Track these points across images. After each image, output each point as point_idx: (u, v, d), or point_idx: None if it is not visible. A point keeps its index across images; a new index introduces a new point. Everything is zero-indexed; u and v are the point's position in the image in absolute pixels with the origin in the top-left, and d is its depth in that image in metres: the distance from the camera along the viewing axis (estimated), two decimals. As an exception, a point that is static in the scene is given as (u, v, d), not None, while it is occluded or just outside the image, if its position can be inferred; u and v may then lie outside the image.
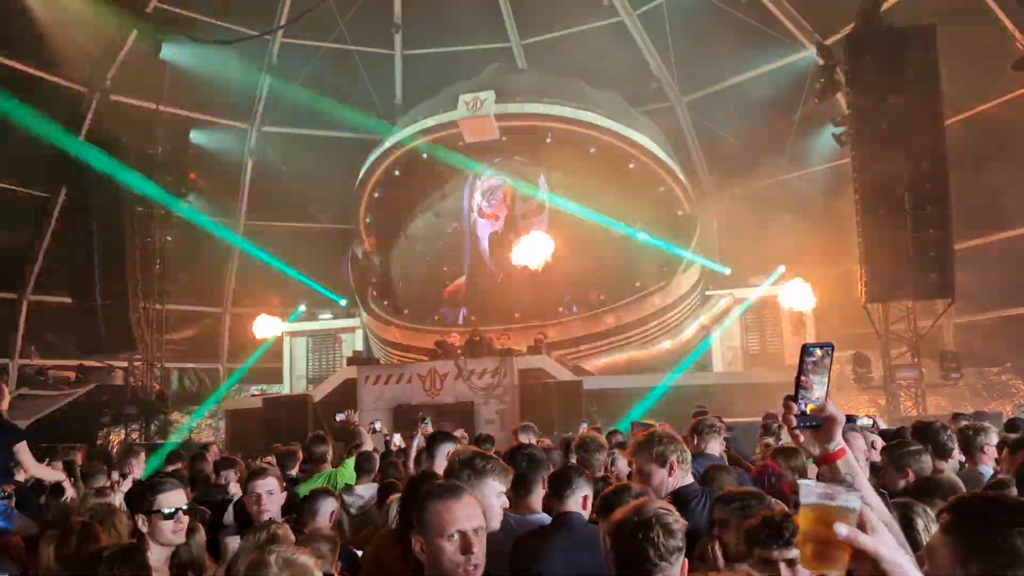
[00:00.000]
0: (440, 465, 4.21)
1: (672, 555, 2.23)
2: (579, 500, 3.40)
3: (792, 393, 1.77)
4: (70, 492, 5.91)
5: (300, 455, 7.03)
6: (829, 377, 1.75)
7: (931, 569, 1.51)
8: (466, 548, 1.99)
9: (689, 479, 3.65)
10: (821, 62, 15.34)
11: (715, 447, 5.21)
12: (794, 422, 1.77)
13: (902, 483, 4.01)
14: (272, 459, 7.21)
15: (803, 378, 1.76)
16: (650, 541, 2.22)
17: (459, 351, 15.91)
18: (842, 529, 1.35)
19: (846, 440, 1.85)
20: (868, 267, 13.99)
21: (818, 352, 1.75)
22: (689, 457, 3.66)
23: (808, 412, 1.77)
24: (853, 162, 14.34)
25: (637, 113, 19.29)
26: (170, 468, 8.32)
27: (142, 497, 3.27)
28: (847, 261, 15.66)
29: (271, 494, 4.05)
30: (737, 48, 17.90)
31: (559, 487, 3.42)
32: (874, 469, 4.56)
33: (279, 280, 21.01)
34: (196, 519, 3.90)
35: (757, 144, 18.23)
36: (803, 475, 4.34)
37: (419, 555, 1.98)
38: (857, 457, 3.36)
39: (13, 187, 17.63)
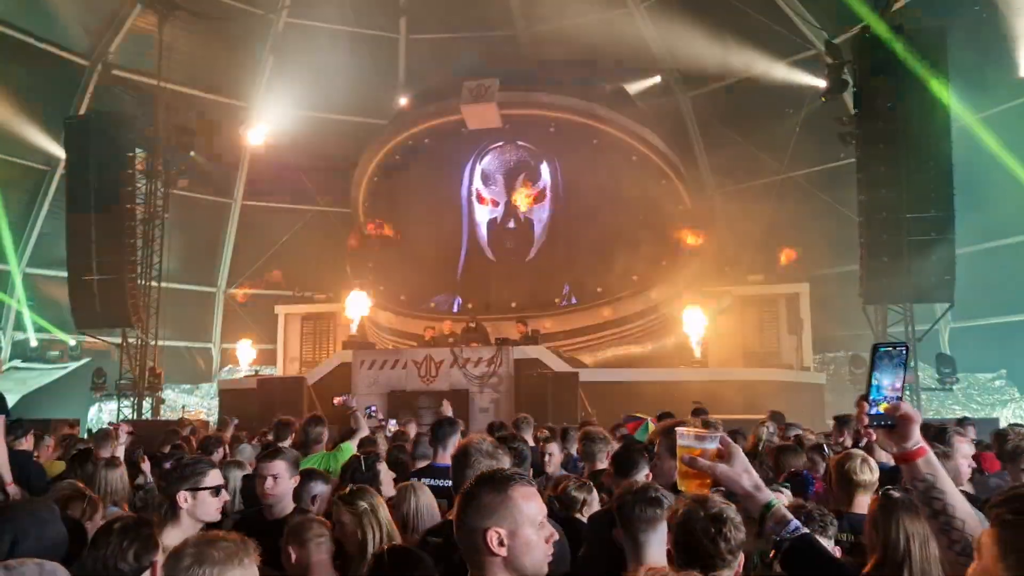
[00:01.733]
0: (448, 455, 4.15)
1: (738, 549, 2.30)
2: (642, 479, 3.50)
3: (865, 392, 1.80)
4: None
5: (295, 429, 6.99)
6: (904, 377, 1.78)
7: (977, 564, 1.52)
8: (549, 536, 1.92)
9: None
10: (829, 60, 15.24)
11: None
12: (866, 420, 1.80)
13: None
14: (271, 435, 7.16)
15: (875, 377, 1.78)
16: (722, 536, 2.26)
17: (450, 338, 15.85)
18: (685, 457, 1.90)
19: (951, 444, 1.89)
20: (867, 268, 13.95)
21: (890, 351, 1.78)
22: None
23: (882, 411, 1.79)
24: (857, 162, 14.28)
25: (641, 105, 19.21)
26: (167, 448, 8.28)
27: (187, 474, 3.26)
28: (847, 262, 15.65)
29: (277, 479, 3.93)
30: (744, 43, 17.81)
31: (623, 467, 3.60)
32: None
33: (273, 260, 20.98)
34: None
35: (760, 141, 18.19)
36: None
37: (496, 549, 1.86)
38: (959, 463, 3.34)
39: (11, 159, 17.48)
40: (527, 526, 1.89)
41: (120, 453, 6.42)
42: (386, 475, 4.36)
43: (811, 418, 13.00)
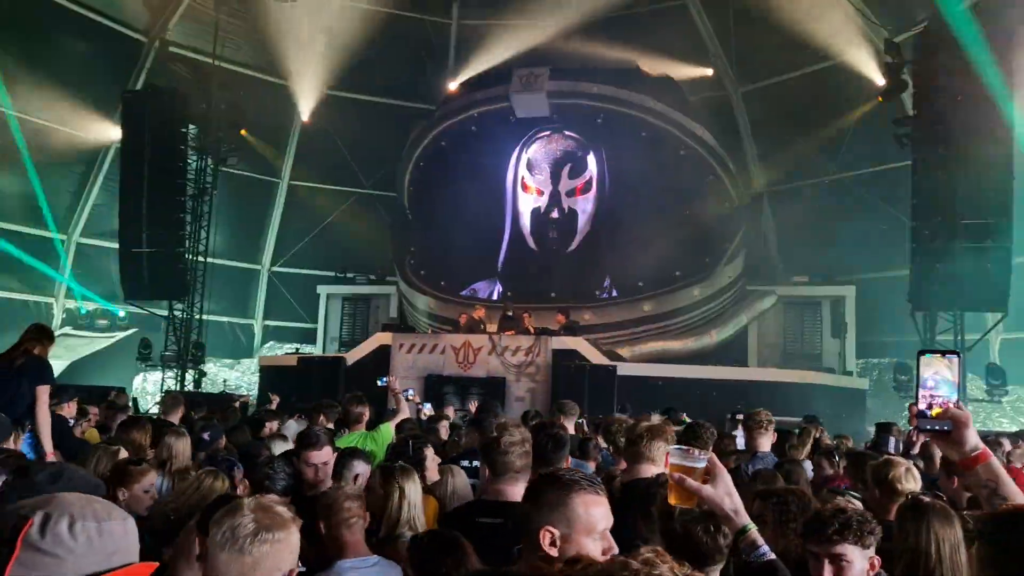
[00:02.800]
0: None
1: (728, 548, 2.33)
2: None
3: (915, 398, 1.79)
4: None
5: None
6: (958, 382, 1.76)
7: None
8: (607, 550, 1.88)
9: None
10: (889, 60, 14.88)
11: (766, 444, 5.15)
12: (916, 423, 1.79)
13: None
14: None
15: (923, 383, 1.76)
16: (721, 532, 2.31)
17: (482, 324, 15.82)
18: (676, 476, 1.95)
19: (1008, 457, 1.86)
20: (918, 274, 13.65)
21: (937, 357, 1.76)
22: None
23: (934, 416, 1.77)
24: (914, 165, 13.95)
25: (691, 99, 18.98)
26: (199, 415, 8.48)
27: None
28: (895, 267, 15.33)
29: (326, 465, 3.97)
30: (800, 40, 17.46)
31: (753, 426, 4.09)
32: None
33: (317, 240, 21.21)
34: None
35: (813, 140, 17.86)
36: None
37: (547, 548, 1.84)
38: None
39: (69, 130, 17.88)
40: (583, 533, 1.86)
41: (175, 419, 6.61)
42: (431, 460, 4.38)
43: (851, 424, 12.79)
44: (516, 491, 2.96)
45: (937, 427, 1.77)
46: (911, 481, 3.70)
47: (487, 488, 2.96)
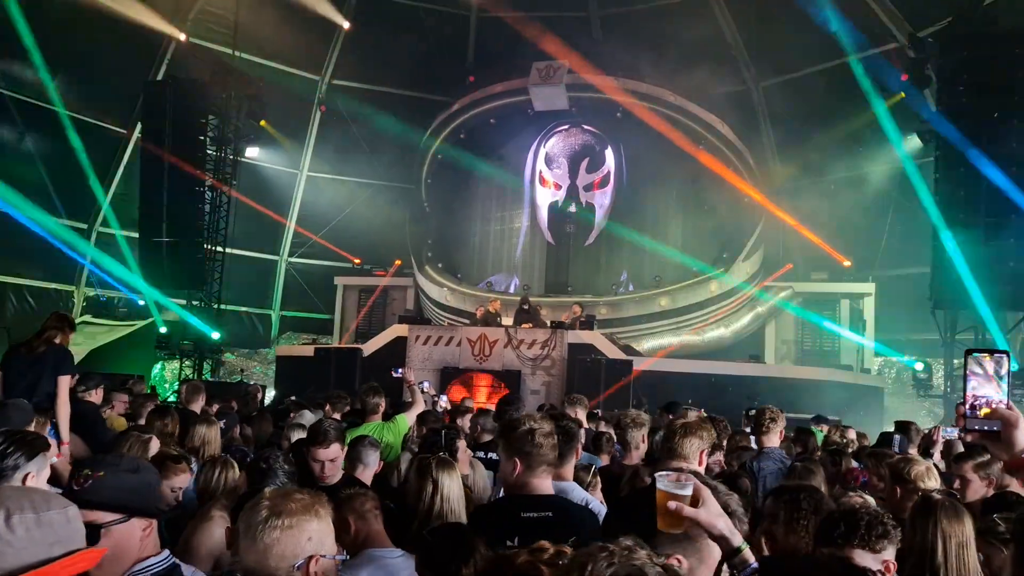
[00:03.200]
0: None
1: None
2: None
3: (963, 399, 1.78)
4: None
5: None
6: (1007, 383, 1.75)
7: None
8: None
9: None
10: (912, 55, 14.71)
11: (774, 440, 5.11)
12: (964, 423, 1.78)
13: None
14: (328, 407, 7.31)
15: (971, 383, 1.76)
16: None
17: (498, 317, 15.81)
18: (672, 504, 1.94)
19: None
20: (939, 271, 13.50)
21: (986, 356, 1.75)
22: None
23: (982, 416, 1.76)
24: (936, 162, 13.79)
25: (711, 94, 18.84)
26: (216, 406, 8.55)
27: None
28: (917, 264, 15.18)
29: (333, 462, 3.97)
30: (821, 34, 17.28)
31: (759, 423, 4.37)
32: None
33: (335, 233, 21.26)
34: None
35: (833, 135, 17.67)
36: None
37: None
38: None
39: (90, 119, 18.01)
40: None
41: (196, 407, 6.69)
42: (463, 453, 4.39)
43: (868, 422, 12.70)
44: (548, 484, 2.96)
45: (986, 427, 1.75)
46: (931, 480, 3.67)
47: (519, 481, 2.93)
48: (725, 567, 2.04)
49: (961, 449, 4.65)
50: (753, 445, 5.80)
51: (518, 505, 2.88)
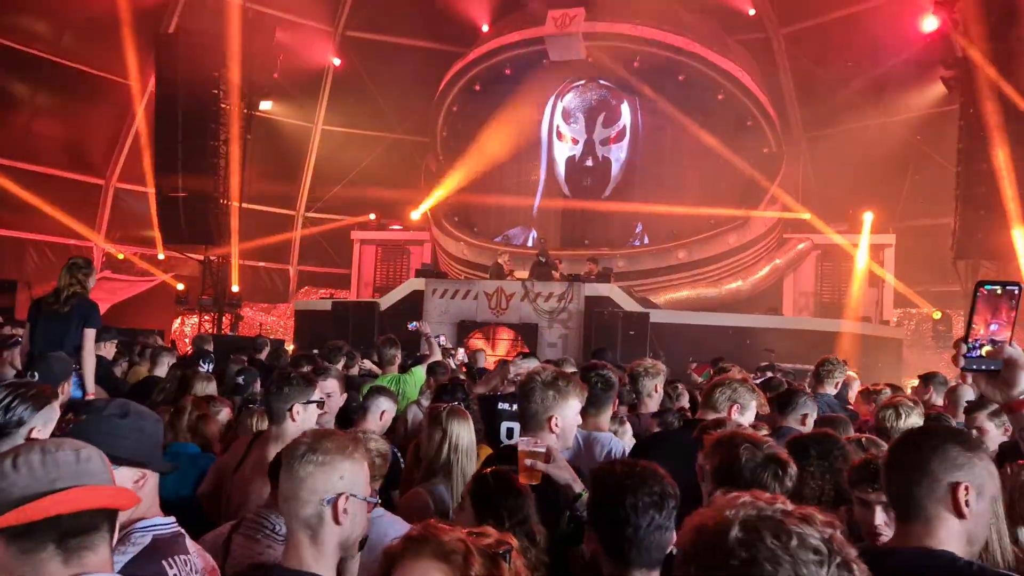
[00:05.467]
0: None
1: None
2: (799, 417, 4.05)
3: (964, 334, 1.66)
4: None
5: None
6: (1015, 319, 1.62)
7: None
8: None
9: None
10: (938, -1, 14.30)
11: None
12: (962, 362, 1.67)
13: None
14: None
15: (976, 318, 1.63)
16: (777, 478, 2.37)
17: (509, 271, 15.71)
18: (528, 461, 2.56)
19: None
20: (962, 221, 13.31)
21: (997, 290, 1.62)
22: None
23: (984, 355, 1.64)
24: (961, 109, 13.50)
25: (731, 42, 18.46)
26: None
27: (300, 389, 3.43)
28: (939, 214, 14.96)
29: (330, 396, 4.03)
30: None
31: (782, 404, 4.13)
32: None
33: (350, 187, 21.19)
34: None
35: (855, 84, 17.31)
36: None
37: (963, 508, 1.81)
38: None
39: (103, 74, 17.94)
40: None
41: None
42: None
43: (887, 374, 12.65)
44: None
45: (984, 367, 1.66)
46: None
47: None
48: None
49: (970, 396, 4.56)
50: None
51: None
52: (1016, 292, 1.62)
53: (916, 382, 6.40)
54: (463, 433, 3.29)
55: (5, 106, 17.07)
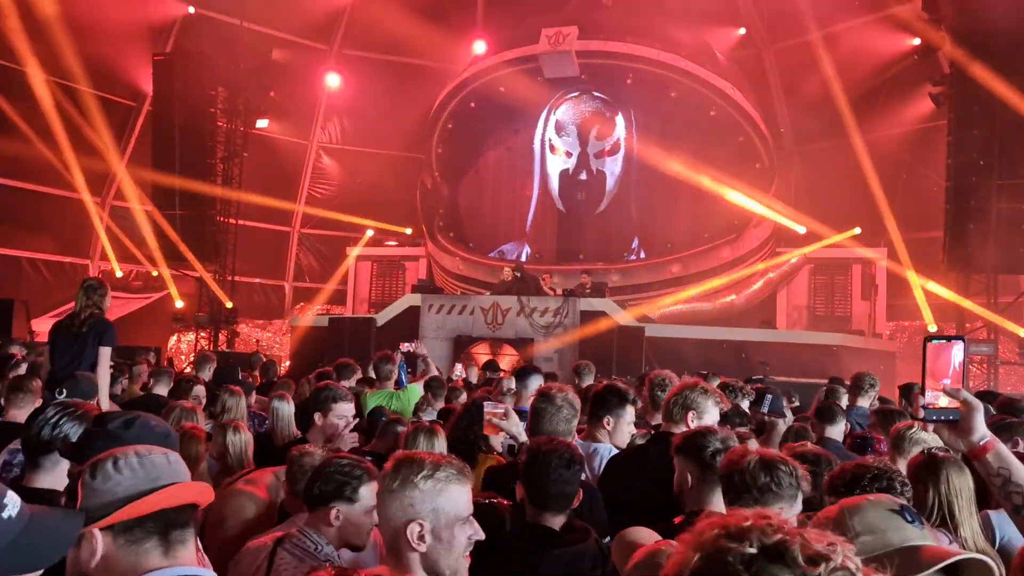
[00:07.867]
0: (530, 397, 4.23)
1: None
2: (839, 430, 4.53)
3: (921, 387, 1.75)
4: None
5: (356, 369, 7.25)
6: (964, 370, 1.75)
7: None
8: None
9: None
10: (926, 16, 14.52)
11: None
12: (922, 413, 1.75)
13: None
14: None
15: (929, 371, 1.73)
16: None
17: (509, 280, 15.73)
18: (487, 416, 3.49)
19: None
20: (952, 235, 13.45)
21: (943, 344, 1.72)
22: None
23: (942, 407, 1.73)
24: (949, 124, 13.68)
25: (722, 58, 18.66)
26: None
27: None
28: (928, 228, 15.11)
29: (355, 418, 4.11)
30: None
31: (823, 417, 4.56)
32: None
33: (347, 204, 21.28)
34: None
35: (845, 99, 17.47)
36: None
37: None
38: None
39: (98, 93, 18.02)
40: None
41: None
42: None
43: (880, 387, 12.71)
44: None
45: (943, 417, 1.73)
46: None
47: None
48: None
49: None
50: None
51: None
52: (962, 345, 1.73)
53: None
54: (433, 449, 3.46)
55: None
